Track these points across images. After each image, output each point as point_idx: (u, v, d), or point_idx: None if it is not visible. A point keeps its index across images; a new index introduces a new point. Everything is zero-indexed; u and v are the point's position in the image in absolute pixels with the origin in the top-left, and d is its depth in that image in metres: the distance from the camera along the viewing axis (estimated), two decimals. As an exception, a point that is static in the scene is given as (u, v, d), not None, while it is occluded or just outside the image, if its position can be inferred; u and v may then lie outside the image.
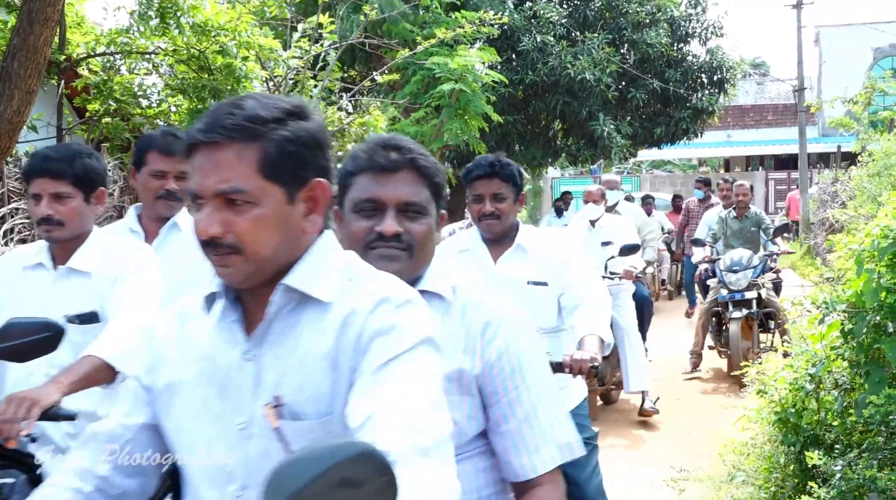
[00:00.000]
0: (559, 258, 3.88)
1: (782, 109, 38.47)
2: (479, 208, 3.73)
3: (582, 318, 3.72)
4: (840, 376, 4.45)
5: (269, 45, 8.88)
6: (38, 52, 5.40)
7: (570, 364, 3.44)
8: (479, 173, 3.73)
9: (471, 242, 3.92)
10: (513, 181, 3.74)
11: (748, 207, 9.58)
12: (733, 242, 9.46)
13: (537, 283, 3.79)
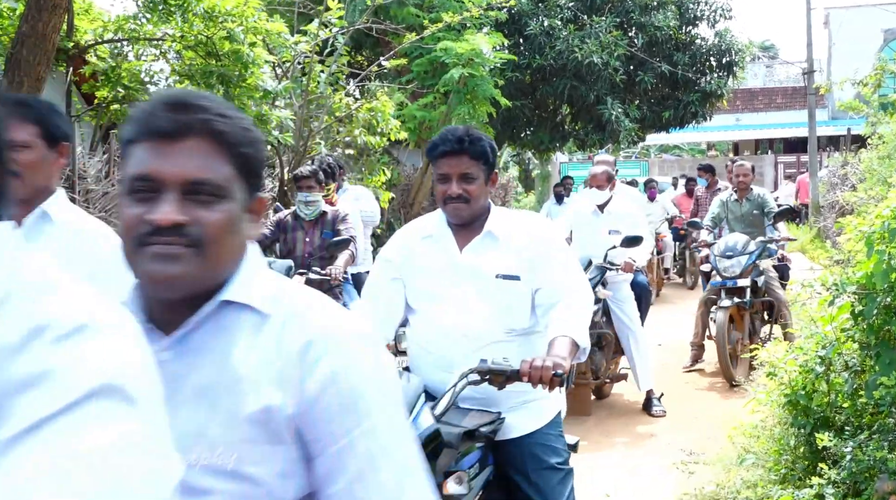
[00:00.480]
0: (535, 249, 3.30)
1: (791, 92, 38.31)
2: (444, 190, 3.25)
3: (556, 317, 3.19)
4: (850, 358, 4.44)
5: (276, 30, 8.87)
6: (47, 40, 5.41)
7: (527, 372, 2.90)
8: (444, 149, 3.25)
9: (435, 226, 3.41)
10: (484, 159, 3.27)
11: (750, 189, 8.99)
12: (735, 227, 8.95)
13: (507, 276, 3.27)
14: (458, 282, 3.27)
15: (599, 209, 7.61)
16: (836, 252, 7.34)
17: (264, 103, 8.94)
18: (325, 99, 10.11)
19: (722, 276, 8.42)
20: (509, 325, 3.25)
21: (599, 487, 5.76)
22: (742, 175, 8.92)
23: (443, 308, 3.28)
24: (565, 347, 3.03)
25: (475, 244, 3.30)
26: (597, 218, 7.61)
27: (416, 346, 3.42)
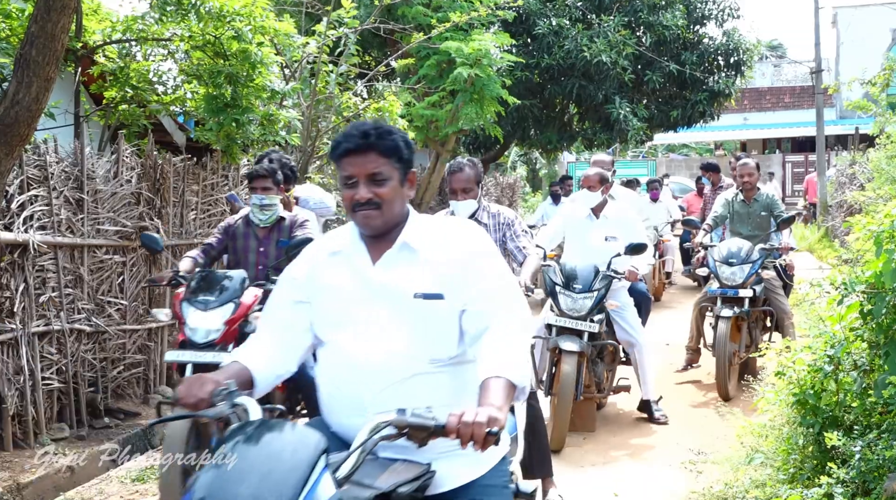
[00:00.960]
0: (462, 261, 2.77)
1: (799, 92, 38.22)
2: (351, 195, 2.75)
3: (487, 351, 2.63)
4: (859, 357, 4.44)
5: (284, 31, 8.89)
6: (56, 40, 5.41)
7: (455, 429, 2.39)
8: (348, 147, 2.74)
9: (345, 240, 2.90)
10: (396, 155, 2.77)
11: (757, 189, 8.44)
12: (740, 229, 8.41)
13: (428, 295, 2.74)
14: (370, 304, 2.78)
15: (594, 214, 7.22)
16: (844, 251, 7.34)
17: (272, 103, 8.96)
18: (333, 99, 10.12)
19: (722, 284, 7.97)
20: (434, 354, 2.74)
21: (607, 486, 5.77)
22: (747, 175, 8.37)
23: (353, 337, 2.77)
24: (500, 392, 2.50)
25: (389, 258, 2.81)
26: (591, 223, 7.23)
27: (324, 385, 2.87)
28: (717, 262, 8.04)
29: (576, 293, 6.68)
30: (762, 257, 8.00)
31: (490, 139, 16.31)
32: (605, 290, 6.73)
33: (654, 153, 42.22)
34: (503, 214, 5.60)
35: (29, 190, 6.46)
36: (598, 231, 7.16)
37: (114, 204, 7.39)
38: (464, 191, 5.42)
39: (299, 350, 2.90)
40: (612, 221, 7.17)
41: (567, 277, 6.78)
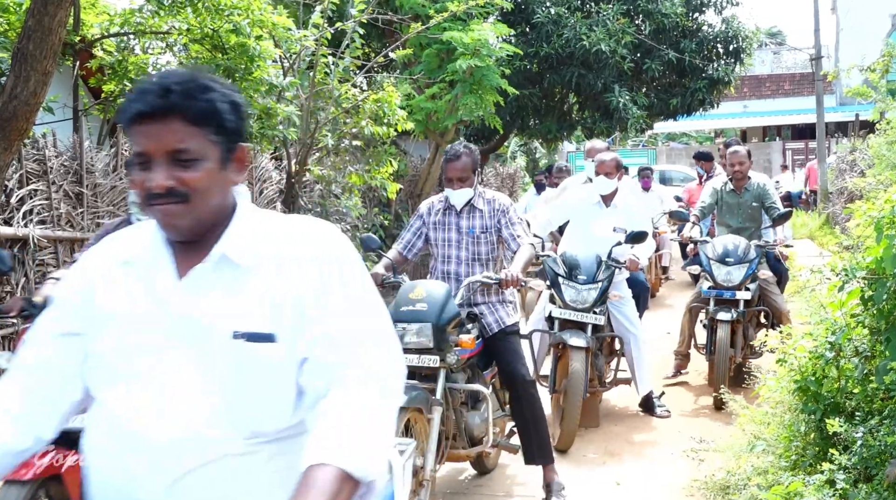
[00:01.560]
0: (308, 281, 1.84)
1: (799, 79, 38.18)
2: (142, 181, 1.82)
3: (321, 425, 1.71)
4: (860, 343, 4.43)
5: (282, 24, 8.87)
6: (53, 33, 5.40)
7: None
8: (140, 109, 1.79)
9: (142, 245, 1.93)
10: (214, 123, 1.82)
11: (747, 178, 7.89)
12: (729, 220, 7.96)
13: (254, 336, 1.80)
14: (164, 345, 1.84)
15: (604, 202, 6.98)
16: (845, 238, 7.33)
17: (271, 97, 8.94)
18: (333, 91, 10.11)
19: (717, 285, 7.43)
20: (255, 425, 1.81)
21: (609, 475, 5.77)
22: (737, 163, 7.84)
23: (130, 394, 1.83)
24: (326, 491, 1.60)
25: (200, 276, 1.87)
26: (601, 211, 6.98)
27: (91, 468, 1.89)
28: (712, 260, 7.48)
29: (580, 284, 6.46)
30: (759, 256, 7.51)
31: (489, 129, 16.30)
32: (609, 281, 6.56)
33: (653, 142, 42.19)
34: (498, 200, 5.40)
35: (28, 184, 6.46)
36: (607, 220, 6.92)
37: (113, 198, 7.39)
38: (460, 180, 5.25)
39: (61, 408, 1.93)
40: (622, 211, 6.95)
41: (570, 267, 6.56)
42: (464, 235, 5.34)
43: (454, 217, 5.37)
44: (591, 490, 5.53)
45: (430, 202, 5.55)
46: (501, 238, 5.38)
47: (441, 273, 5.38)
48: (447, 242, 5.38)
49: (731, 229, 7.84)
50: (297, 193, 10.19)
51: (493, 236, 5.34)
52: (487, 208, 5.38)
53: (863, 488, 3.82)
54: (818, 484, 3.91)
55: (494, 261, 5.43)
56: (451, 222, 5.38)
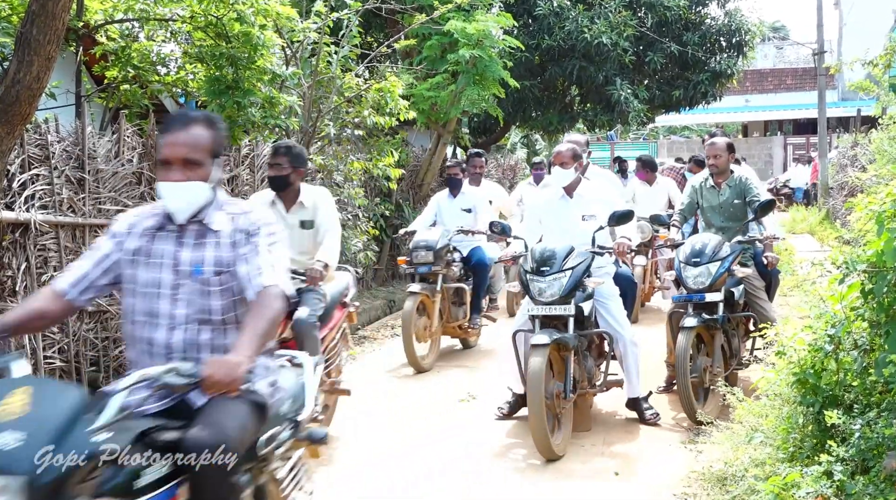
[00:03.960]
0: None
1: (801, 73, 38.17)
2: None
3: None
4: (860, 336, 4.45)
5: (286, 14, 8.86)
6: (57, 18, 5.40)
7: None
8: None
9: None
10: None
11: (728, 173, 7.32)
12: (712, 219, 7.41)
13: None
14: None
15: (567, 194, 6.62)
16: (845, 232, 7.31)
17: (273, 86, 8.94)
18: (335, 80, 10.11)
19: (687, 288, 6.82)
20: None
21: (608, 466, 5.79)
22: (713, 156, 7.29)
23: None
24: None
25: None
26: (566, 203, 6.62)
27: None
28: (682, 263, 6.89)
29: (544, 276, 6.07)
30: (735, 253, 6.89)
31: (491, 121, 16.30)
32: (585, 267, 6.15)
33: (655, 135, 42.15)
34: None
35: (30, 169, 6.46)
36: (573, 211, 6.56)
37: (115, 184, 7.39)
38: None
39: None
40: (588, 200, 6.57)
41: (538, 261, 6.17)
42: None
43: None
44: (590, 481, 5.55)
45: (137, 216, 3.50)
46: None
47: None
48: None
49: (715, 229, 7.30)
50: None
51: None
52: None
53: (860, 479, 3.84)
54: (815, 475, 3.93)
55: None
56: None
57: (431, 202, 9.81)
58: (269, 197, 6.30)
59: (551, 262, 6.11)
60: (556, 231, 6.56)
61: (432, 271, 8.73)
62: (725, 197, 7.30)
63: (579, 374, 6.26)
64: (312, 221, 6.24)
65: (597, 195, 6.62)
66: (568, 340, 5.98)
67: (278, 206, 6.25)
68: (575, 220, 6.51)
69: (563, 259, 6.11)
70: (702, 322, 6.61)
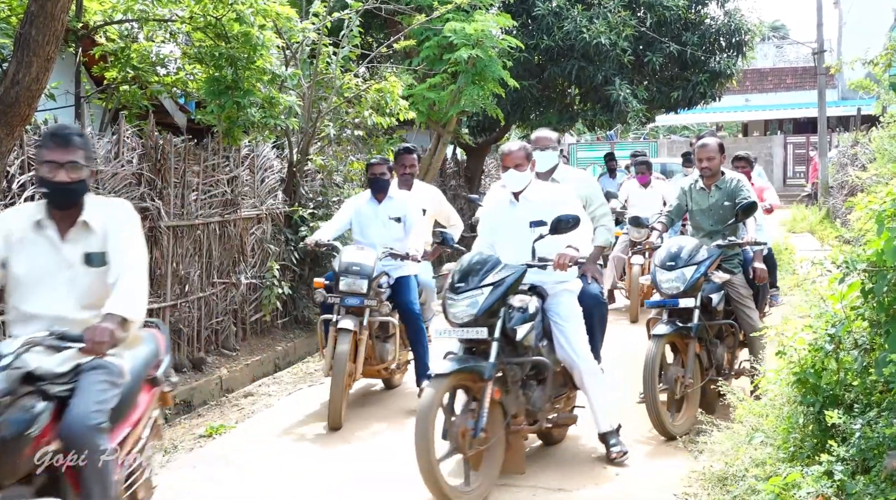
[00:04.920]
0: None
1: (801, 73, 38.15)
2: None
3: None
4: (860, 335, 4.45)
5: (285, 14, 8.86)
6: (56, 19, 5.40)
7: None
8: None
9: None
10: None
11: (719, 174, 6.97)
12: (701, 223, 7.01)
13: None
14: None
15: (515, 197, 5.80)
16: (845, 231, 7.28)
17: (273, 86, 8.95)
18: (335, 80, 10.11)
19: (661, 292, 6.53)
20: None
21: (609, 466, 5.79)
22: (706, 159, 6.91)
23: None
24: None
25: None
26: (513, 208, 5.80)
27: None
28: (656, 266, 6.64)
29: (458, 294, 5.25)
30: (712, 257, 6.56)
31: (491, 120, 16.29)
32: (510, 284, 5.29)
33: (654, 135, 42.17)
34: None
35: (30, 170, 6.46)
36: (520, 217, 5.72)
37: (115, 185, 7.39)
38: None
39: None
40: (536, 204, 5.70)
41: (459, 276, 5.36)
42: None
43: None
44: (591, 481, 5.54)
45: None
46: None
47: None
48: None
49: (704, 233, 6.94)
50: (299, 182, 10.20)
51: None
52: None
53: (860, 479, 3.84)
54: (816, 475, 3.92)
55: None
56: None
57: (346, 206, 7.81)
58: (34, 214, 3.97)
59: (471, 277, 5.30)
60: (506, 240, 5.77)
61: (364, 305, 7.00)
62: (715, 200, 6.93)
63: (515, 407, 5.37)
64: (103, 255, 3.94)
65: (547, 198, 5.72)
66: (481, 369, 5.10)
67: (48, 230, 3.94)
68: (522, 227, 5.68)
69: (484, 274, 5.29)
70: (674, 330, 6.32)
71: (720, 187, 6.93)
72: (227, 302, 8.96)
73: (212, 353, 8.67)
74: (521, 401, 5.42)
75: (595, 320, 6.02)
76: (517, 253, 5.55)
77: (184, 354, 8.26)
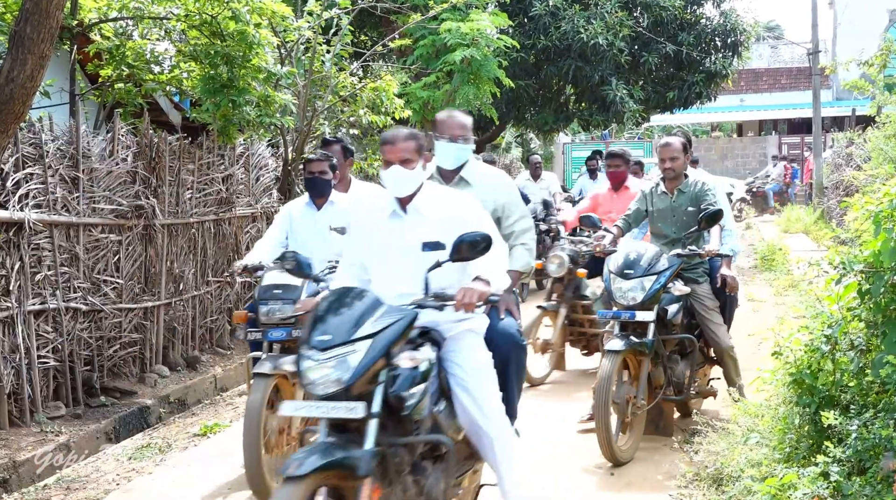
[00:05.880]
0: None
1: (796, 73, 38.18)
2: None
3: None
4: (856, 336, 4.45)
5: (280, 13, 8.84)
6: (51, 17, 5.38)
7: None
8: None
9: None
10: None
11: (682, 177, 6.33)
12: (663, 229, 6.38)
13: None
14: None
15: (401, 207, 4.13)
16: (841, 232, 7.28)
17: (268, 85, 8.92)
18: (329, 79, 10.09)
19: (616, 303, 5.91)
20: None
21: (604, 464, 5.78)
22: (669, 159, 6.27)
23: None
24: None
25: None
26: (398, 222, 4.13)
27: None
28: (612, 274, 6.00)
29: (319, 352, 3.51)
30: (673, 267, 5.95)
31: (486, 120, 16.28)
32: (394, 335, 3.62)
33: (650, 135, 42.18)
34: None
35: (24, 168, 6.44)
36: (408, 234, 4.06)
37: (109, 183, 7.37)
38: None
39: None
40: (431, 218, 4.08)
41: (320, 326, 3.62)
42: None
43: None
44: (586, 479, 5.54)
45: None
46: None
47: None
48: None
49: (667, 240, 6.31)
50: (294, 180, 10.17)
51: None
52: None
53: (856, 480, 3.84)
54: (812, 476, 3.92)
55: None
56: None
57: (281, 215, 6.32)
58: None
59: (337, 326, 3.59)
60: (386, 267, 4.12)
61: (294, 338, 5.39)
62: (677, 204, 6.30)
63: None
64: None
65: (447, 210, 4.11)
66: (353, 463, 3.39)
67: None
68: (410, 250, 4.04)
69: (357, 322, 3.60)
70: (629, 346, 5.69)
71: (683, 191, 6.30)
72: (221, 301, 8.96)
73: (206, 351, 8.67)
74: (411, 495, 3.78)
75: (511, 368, 4.37)
76: (402, 286, 3.97)
77: (178, 352, 8.25)
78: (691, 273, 6.24)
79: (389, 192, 4.13)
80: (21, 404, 6.35)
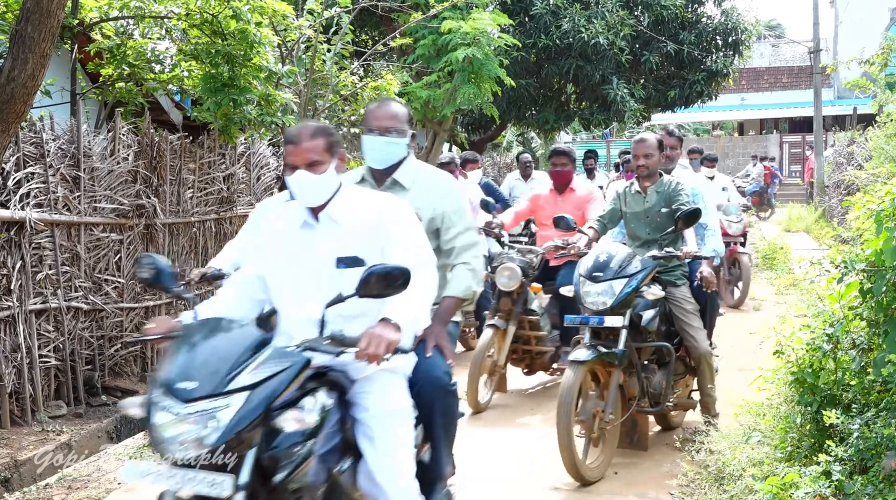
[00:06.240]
0: None
1: (797, 72, 38.21)
2: None
3: None
4: (858, 335, 4.45)
5: (281, 12, 8.84)
6: (52, 16, 5.38)
7: None
8: None
9: None
10: None
11: (656, 176, 6.01)
12: (637, 230, 6.07)
13: None
14: None
15: (314, 216, 3.44)
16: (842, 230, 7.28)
17: (269, 84, 8.92)
18: (330, 78, 10.09)
19: (585, 308, 5.58)
20: None
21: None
22: (643, 156, 5.92)
23: None
24: None
25: None
26: (309, 234, 3.44)
27: None
28: (581, 276, 5.64)
29: (180, 403, 2.82)
30: (647, 270, 5.61)
31: (487, 118, 16.28)
32: (279, 385, 2.93)
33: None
34: None
35: (25, 167, 6.44)
36: (320, 249, 3.39)
37: (111, 182, 7.37)
38: None
39: None
40: (347, 228, 3.40)
41: (178, 371, 2.91)
42: None
43: None
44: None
45: None
46: None
47: None
48: None
49: (640, 243, 6.04)
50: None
51: None
52: None
53: (858, 479, 3.83)
54: (814, 475, 3.92)
55: None
56: None
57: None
58: None
59: (204, 374, 2.87)
60: (290, 289, 3.45)
61: None
62: (651, 204, 5.97)
63: None
64: None
65: (367, 220, 3.42)
66: None
67: None
68: (322, 265, 3.38)
69: (230, 369, 2.89)
70: (596, 356, 5.33)
71: (658, 191, 5.97)
72: (222, 300, 8.93)
73: (207, 351, 8.65)
74: None
75: (436, 418, 3.69)
76: (308, 309, 3.30)
77: (179, 352, 8.24)
78: (669, 276, 5.96)
79: (297, 201, 3.42)
80: (22, 404, 6.35)
